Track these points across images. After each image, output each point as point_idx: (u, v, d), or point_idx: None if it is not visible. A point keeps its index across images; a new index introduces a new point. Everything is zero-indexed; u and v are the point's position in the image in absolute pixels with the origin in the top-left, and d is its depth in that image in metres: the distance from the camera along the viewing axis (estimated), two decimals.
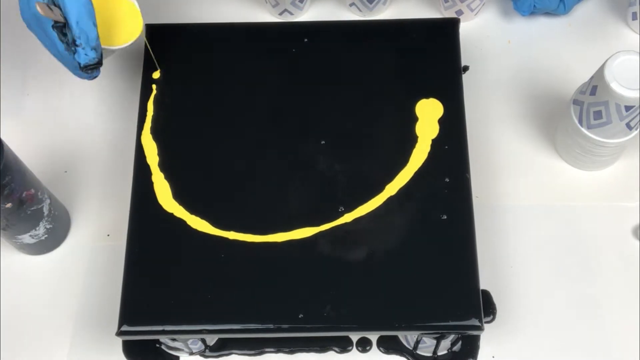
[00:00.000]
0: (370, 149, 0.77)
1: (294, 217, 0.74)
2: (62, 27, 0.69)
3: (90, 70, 0.71)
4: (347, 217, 0.74)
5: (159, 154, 0.78)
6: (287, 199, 0.75)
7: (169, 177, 0.76)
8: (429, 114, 0.78)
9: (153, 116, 0.79)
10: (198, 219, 0.74)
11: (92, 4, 0.69)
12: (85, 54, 0.69)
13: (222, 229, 0.74)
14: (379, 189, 0.75)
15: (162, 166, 0.77)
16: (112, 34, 0.75)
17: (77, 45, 0.69)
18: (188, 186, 0.76)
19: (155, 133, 0.79)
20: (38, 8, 0.67)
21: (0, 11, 0.95)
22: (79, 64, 0.70)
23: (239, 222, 0.74)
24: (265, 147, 0.78)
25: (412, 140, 0.77)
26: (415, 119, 0.78)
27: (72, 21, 0.68)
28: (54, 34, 0.69)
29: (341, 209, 0.74)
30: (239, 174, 0.77)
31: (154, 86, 0.81)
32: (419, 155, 0.76)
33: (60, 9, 0.68)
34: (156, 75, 0.81)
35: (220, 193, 0.76)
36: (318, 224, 0.74)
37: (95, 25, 0.69)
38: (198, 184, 0.76)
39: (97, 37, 0.70)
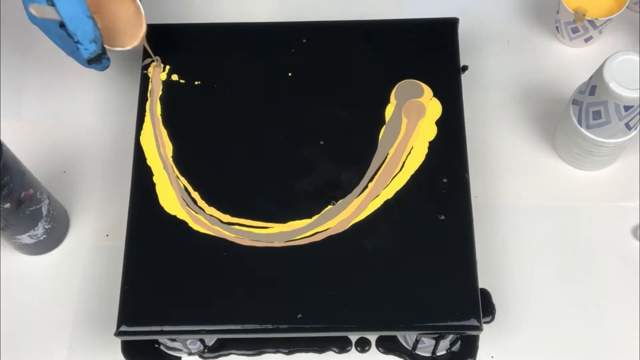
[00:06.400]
0: (369, 149, 0.77)
1: (291, 211, 0.74)
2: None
3: (95, 62, 0.70)
4: (346, 221, 0.74)
5: (160, 155, 0.78)
6: (285, 193, 0.75)
7: (170, 178, 0.77)
8: (426, 115, 0.78)
9: (155, 115, 0.80)
10: (200, 217, 0.74)
11: None
12: (86, 49, 0.69)
13: (223, 228, 0.74)
14: (378, 189, 0.75)
15: (174, 164, 0.77)
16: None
17: (76, 42, 0.68)
18: (188, 186, 0.76)
19: (155, 133, 0.79)
20: (32, 11, 0.66)
21: (0, 11, 0.95)
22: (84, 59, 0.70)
23: (241, 213, 0.74)
24: (264, 146, 0.78)
25: (410, 139, 0.77)
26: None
27: (66, 19, 0.67)
28: (64, 33, 0.68)
29: (333, 202, 0.74)
30: (238, 172, 0.77)
31: (153, 86, 0.81)
32: (417, 156, 0.76)
33: (56, 7, 0.67)
34: (153, 74, 0.81)
35: (220, 192, 0.76)
36: (311, 216, 0.74)
37: (89, 17, 0.68)
38: (198, 184, 0.76)
39: (94, 29, 0.69)
